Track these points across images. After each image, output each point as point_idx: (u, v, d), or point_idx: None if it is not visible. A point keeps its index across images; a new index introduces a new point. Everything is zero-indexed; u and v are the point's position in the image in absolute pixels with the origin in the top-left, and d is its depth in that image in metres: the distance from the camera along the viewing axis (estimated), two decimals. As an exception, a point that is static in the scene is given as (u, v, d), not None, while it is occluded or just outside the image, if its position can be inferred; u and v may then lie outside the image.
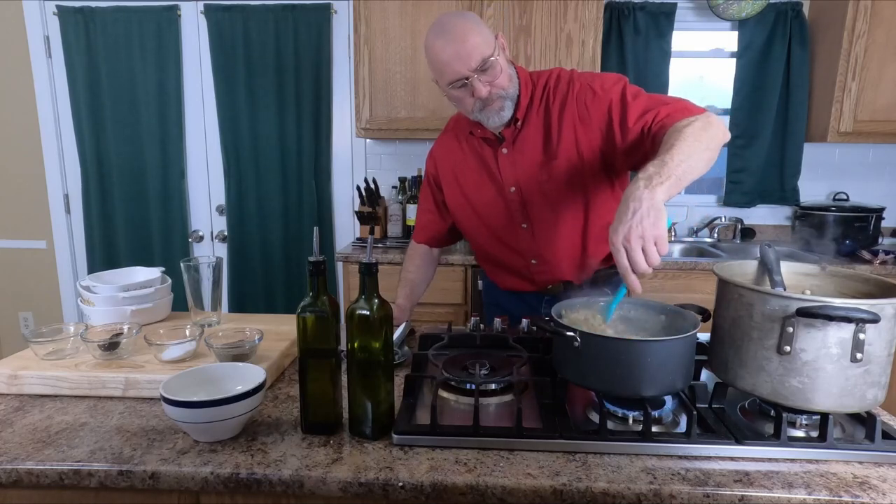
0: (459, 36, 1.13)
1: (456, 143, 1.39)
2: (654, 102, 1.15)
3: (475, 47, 1.13)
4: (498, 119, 1.22)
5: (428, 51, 1.17)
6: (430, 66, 1.20)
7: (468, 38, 1.13)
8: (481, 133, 1.31)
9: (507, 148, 1.29)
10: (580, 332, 0.86)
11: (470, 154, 1.36)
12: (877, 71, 2.40)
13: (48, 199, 3.00)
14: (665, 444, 0.82)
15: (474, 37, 1.13)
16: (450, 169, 1.40)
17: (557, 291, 1.37)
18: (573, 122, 1.23)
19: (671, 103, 1.13)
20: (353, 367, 0.85)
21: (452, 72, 1.15)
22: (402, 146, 2.90)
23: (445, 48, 1.13)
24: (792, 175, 2.74)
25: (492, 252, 1.41)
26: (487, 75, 1.16)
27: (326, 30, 2.77)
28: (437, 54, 1.15)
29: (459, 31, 1.13)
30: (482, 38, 1.15)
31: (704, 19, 2.71)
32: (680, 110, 1.10)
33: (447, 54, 1.13)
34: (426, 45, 1.18)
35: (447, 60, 1.14)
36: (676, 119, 1.07)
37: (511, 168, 1.29)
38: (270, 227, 2.93)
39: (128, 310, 1.23)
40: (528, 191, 1.29)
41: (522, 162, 1.28)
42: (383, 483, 0.76)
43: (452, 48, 1.13)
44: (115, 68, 2.81)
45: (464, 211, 1.40)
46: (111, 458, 0.80)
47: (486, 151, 1.32)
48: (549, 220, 1.30)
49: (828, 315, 0.75)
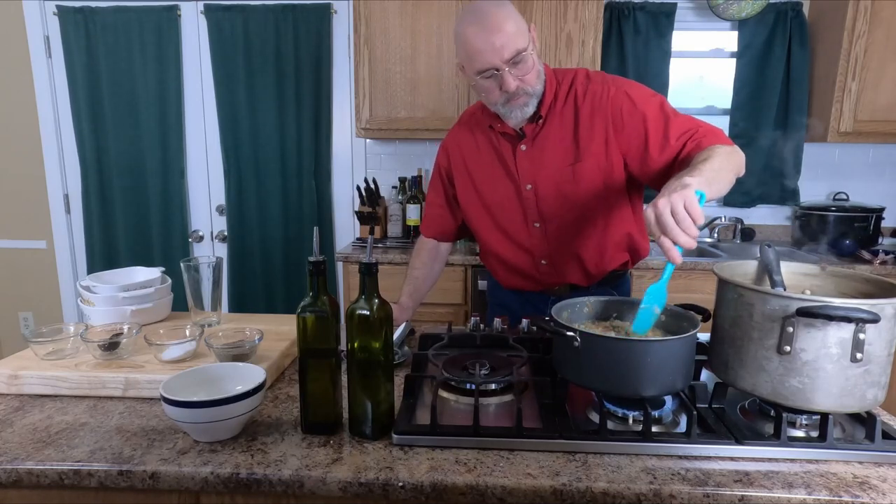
0: (495, 24, 1.09)
1: (470, 136, 1.36)
2: (693, 124, 1.16)
3: (510, 38, 1.09)
4: (521, 114, 1.20)
5: (459, 36, 1.13)
6: (459, 51, 1.16)
7: (504, 27, 1.09)
8: (501, 128, 1.28)
9: (526, 145, 1.26)
10: (580, 332, 0.86)
11: (485, 147, 1.33)
12: (877, 71, 2.40)
13: (48, 199, 3.00)
14: (665, 444, 0.82)
15: (510, 27, 1.10)
16: (462, 161, 1.37)
17: (563, 293, 1.36)
18: (605, 125, 1.21)
19: (708, 128, 1.15)
20: (353, 367, 0.85)
21: (484, 61, 1.11)
22: (402, 146, 2.90)
23: (479, 35, 1.10)
24: (792, 175, 2.74)
25: (499, 249, 1.39)
26: (518, 69, 1.13)
27: (326, 30, 2.77)
28: (470, 40, 1.11)
29: (495, 20, 1.09)
30: (518, 28, 1.11)
31: (704, 19, 2.71)
32: (713, 136, 1.13)
33: (480, 42, 1.10)
34: (458, 30, 1.14)
35: (480, 48, 1.10)
36: (708, 143, 1.10)
37: (529, 165, 1.27)
38: (270, 227, 2.93)
39: (128, 310, 1.23)
40: (545, 190, 1.27)
41: (542, 160, 1.26)
42: (383, 483, 0.76)
43: (486, 37, 1.09)
44: (115, 68, 2.81)
45: (474, 205, 1.38)
46: (111, 458, 0.80)
47: (505, 147, 1.30)
48: (564, 221, 1.29)
49: (828, 315, 0.75)
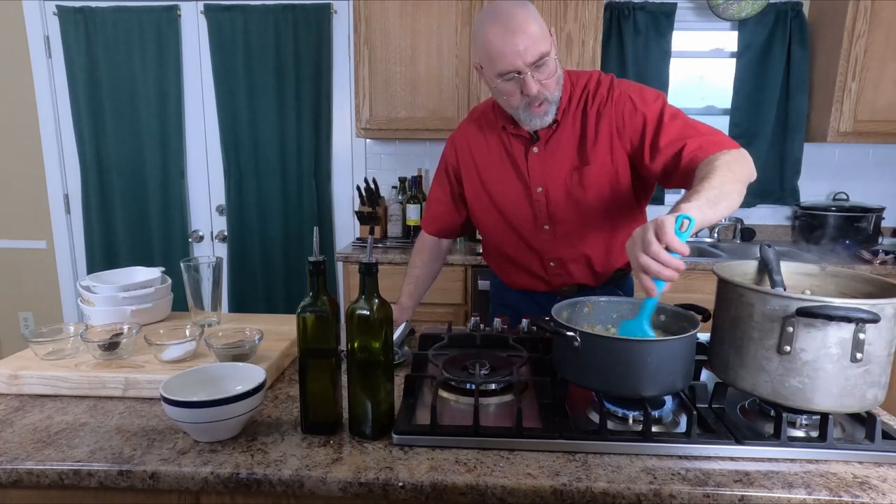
0: (519, 25, 1.06)
1: (480, 133, 1.34)
2: (688, 130, 1.12)
3: (534, 41, 1.07)
4: (540, 123, 1.19)
5: (479, 36, 1.10)
6: (479, 52, 1.12)
7: (528, 28, 1.06)
8: (514, 130, 1.27)
9: (538, 147, 1.26)
10: (580, 332, 0.86)
11: (496, 147, 1.32)
12: (877, 71, 2.40)
13: (48, 199, 3.00)
14: (665, 444, 0.82)
15: (535, 28, 1.07)
16: (471, 158, 1.36)
17: (571, 293, 1.35)
18: (609, 129, 1.20)
19: (705, 134, 1.11)
20: (353, 367, 0.85)
21: (507, 63, 1.08)
22: (402, 146, 2.90)
23: (502, 36, 1.06)
24: (792, 175, 2.73)
25: (508, 249, 1.38)
26: (541, 73, 1.11)
27: (326, 30, 2.77)
28: (492, 41, 1.07)
29: (519, 21, 1.06)
30: (541, 32, 1.08)
31: (704, 19, 2.71)
32: (713, 143, 1.08)
33: (503, 43, 1.06)
34: (478, 31, 1.11)
35: (502, 50, 1.07)
36: (709, 152, 1.05)
37: (541, 168, 1.26)
38: (270, 226, 2.93)
39: (128, 310, 1.23)
40: (555, 193, 1.26)
41: (553, 163, 1.25)
42: (383, 483, 0.76)
43: (510, 38, 1.06)
44: (115, 68, 2.81)
45: (482, 204, 1.36)
46: (111, 458, 0.80)
47: (517, 148, 1.29)
48: (573, 224, 1.28)
49: (828, 315, 0.75)
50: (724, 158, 1.01)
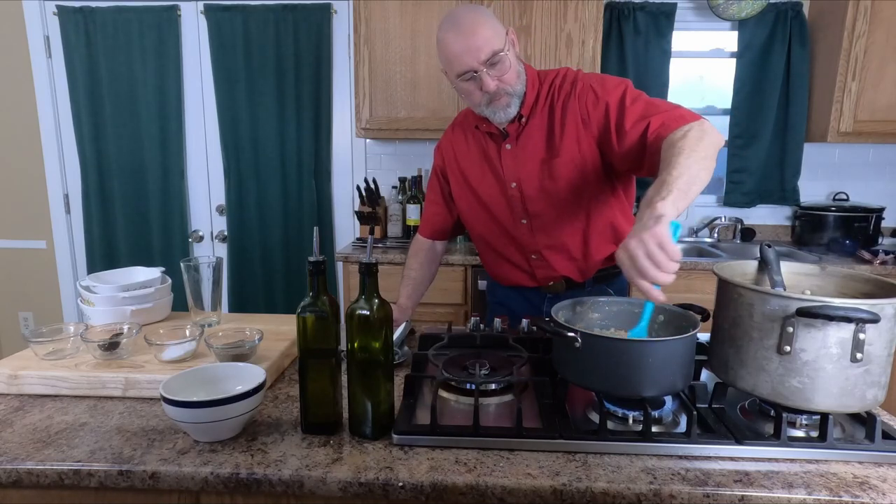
0: (470, 28, 1.14)
1: (462, 136, 1.41)
2: (651, 109, 1.15)
3: (486, 41, 1.14)
4: (504, 115, 1.24)
5: (439, 42, 1.19)
6: (440, 57, 1.21)
7: (479, 30, 1.14)
8: (486, 128, 1.32)
9: (510, 144, 1.30)
10: (580, 332, 0.86)
11: (475, 147, 1.38)
12: (877, 71, 2.40)
13: (48, 199, 3.00)
14: (665, 444, 0.82)
15: (485, 30, 1.15)
16: (455, 161, 1.42)
17: (559, 290, 1.38)
18: (575, 121, 1.24)
19: (666, 111, 1.13)
20: (353, 367, 0.85)
21: (462, 64, 1.16)
22: (402, 146, 2.90)
23: (456, 40, 1.15)
24: (792, 175, 2.74)
25: (494, 244, 1.42)
26: (496, 70, 1.17)
27: (326, 30, 2.77)
28: (448, 46, 1.17)
29: (470, 24, 1.15)
30: (493, 31, 1.16)
31: (704, 19, 2.71)
32: (675, 119, 1.09)
33: (457, 46, 1.15)
34: (438, 37, 1.20)
35: (457, 52, 1.15)
36: (671, 128, 1.07)
37: (513, 164, 1.31)
38: (270, 227, 2.93)
39: (128, 310, 1.23)
40: (528, 187, 1.30)
41: (524, 159, 1.29)
42: (383, 483, 0.76)
43: (463, 40, 1.14)
44: (115, 68, 2.81)
45: (468, 202, 1.41)
46: (111, 458, 0.80)
47: (490, 146, 1.34)
48: (548, 217, 1.31)
49: (828, 315, 0.75)
50: (688, 137, 1.01)
